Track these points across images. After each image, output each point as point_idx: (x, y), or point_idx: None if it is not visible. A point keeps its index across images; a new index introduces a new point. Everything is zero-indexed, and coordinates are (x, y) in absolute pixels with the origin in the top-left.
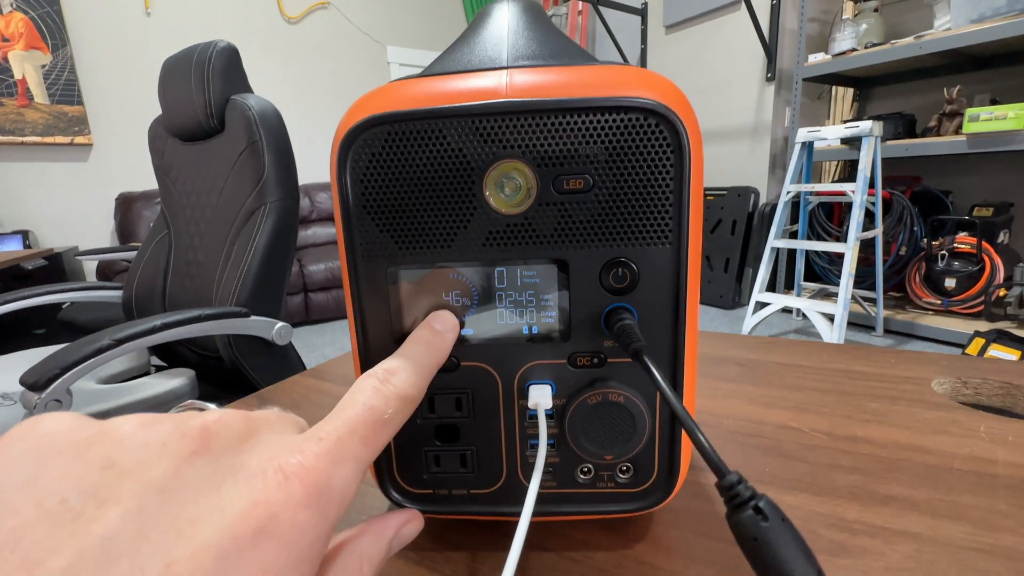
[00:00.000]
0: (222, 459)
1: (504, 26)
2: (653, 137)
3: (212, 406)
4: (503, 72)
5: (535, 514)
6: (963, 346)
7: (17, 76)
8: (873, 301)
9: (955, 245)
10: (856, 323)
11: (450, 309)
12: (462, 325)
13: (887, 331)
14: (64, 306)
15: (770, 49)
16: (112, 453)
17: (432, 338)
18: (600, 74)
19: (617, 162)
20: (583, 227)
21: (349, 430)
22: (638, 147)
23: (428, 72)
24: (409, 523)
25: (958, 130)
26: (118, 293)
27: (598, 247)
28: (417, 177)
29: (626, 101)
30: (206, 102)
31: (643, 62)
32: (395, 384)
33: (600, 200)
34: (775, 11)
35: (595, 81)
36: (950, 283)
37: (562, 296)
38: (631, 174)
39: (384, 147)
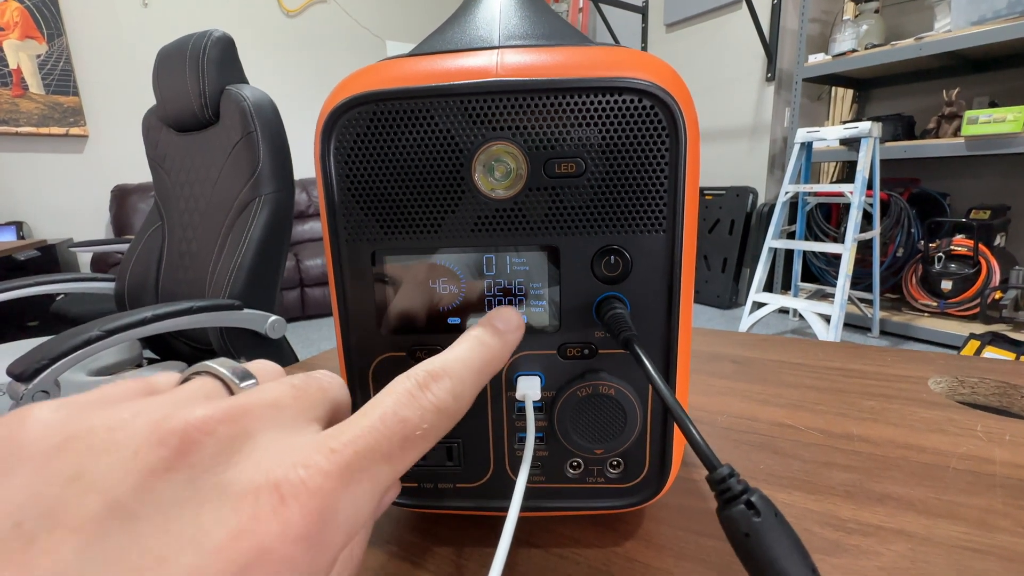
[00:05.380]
0: (204, 477)
1: (497, 6)
2: (648, 120)
3: (223, 371)
4: (494, 52)
5: (523, 509)
6: (958, 348)
7: (12, 66)
8: (869, 302)
9: (952, 247)
10: (852, 324)
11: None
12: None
13: (883, 332)
14: (58, 298)
15: (770, 49)
16: (81, 462)
17: (490, 339)
18: (595, 55)
19: (611, 145)
20: (575, 213)
21: (369, 444)
22: (632, 130)
23: (417, 51)
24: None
25: (956, 132)
26: (111, 285)
27: (590, 234)
28: (404, 159)
29: (621, 82)
30: (200, 92)
31: None
32: (435, 393)
33: (593, 185)
34: (776, 11)
35: (589, 62)
36: (946, 285)
37: (552, 285)
38: (625, 158)
39: (369, 127)
